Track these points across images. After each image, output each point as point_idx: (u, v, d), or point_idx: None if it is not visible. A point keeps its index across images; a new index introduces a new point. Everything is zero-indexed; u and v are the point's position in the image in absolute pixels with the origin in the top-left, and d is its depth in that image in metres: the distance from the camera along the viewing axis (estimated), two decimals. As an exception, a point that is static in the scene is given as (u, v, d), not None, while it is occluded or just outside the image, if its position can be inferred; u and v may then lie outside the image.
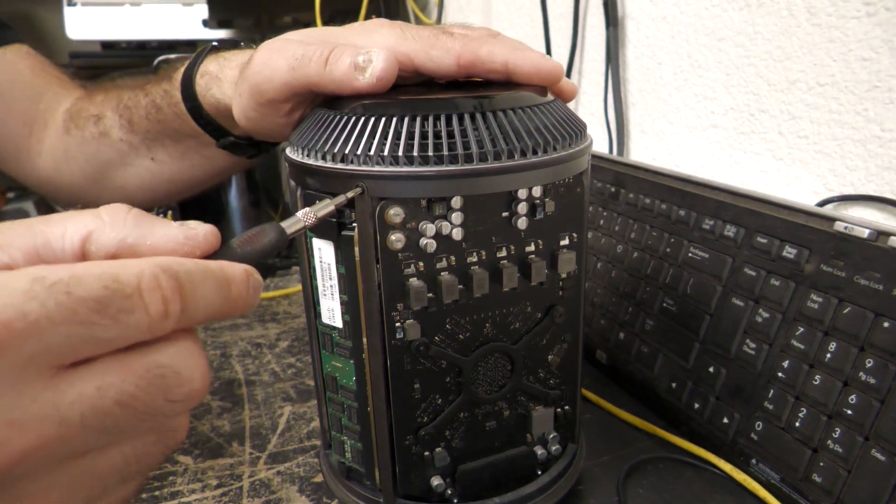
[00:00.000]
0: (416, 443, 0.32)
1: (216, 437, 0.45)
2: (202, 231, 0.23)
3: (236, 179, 0.96)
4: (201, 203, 0.71)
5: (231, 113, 0.40)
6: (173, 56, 1.01)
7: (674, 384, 0.44)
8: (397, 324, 0.30)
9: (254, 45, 0.39)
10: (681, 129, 0.67)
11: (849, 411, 0.33)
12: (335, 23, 0.44)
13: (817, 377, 0.35)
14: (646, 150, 0.72)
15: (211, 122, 0.46)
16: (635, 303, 0.48)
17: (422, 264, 0.29)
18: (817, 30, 0.51)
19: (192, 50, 0.51)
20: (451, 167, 0.27)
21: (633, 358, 0.47)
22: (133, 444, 0.21)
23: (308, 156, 0.30)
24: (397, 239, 0.28)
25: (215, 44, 0.47)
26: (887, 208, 0.49)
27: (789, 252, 0.38)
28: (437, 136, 0.28)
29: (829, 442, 0.33)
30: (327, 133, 0.30)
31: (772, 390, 0.37)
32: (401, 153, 0.27)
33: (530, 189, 0.30)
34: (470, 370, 0.32)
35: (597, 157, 0.57)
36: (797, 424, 0.35)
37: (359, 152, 0.28)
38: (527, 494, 0.34)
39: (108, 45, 1.22)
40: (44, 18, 1.35)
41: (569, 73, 0.80)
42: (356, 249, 0.29)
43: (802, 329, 0.36)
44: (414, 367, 0.31)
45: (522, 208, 0.30)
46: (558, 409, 0.35)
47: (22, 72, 0.59)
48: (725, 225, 0.42)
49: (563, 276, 0.33)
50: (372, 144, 0.28)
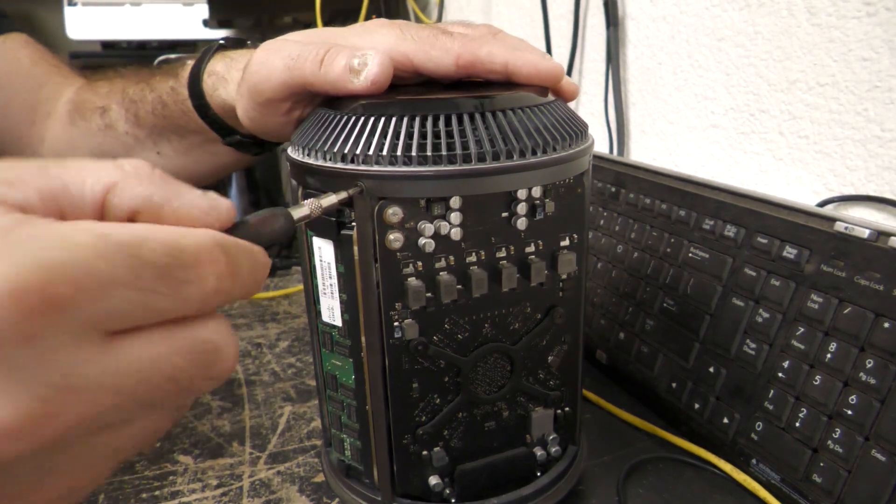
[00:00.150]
0: (414, 442, 0.32)
1: (216, 437, 0.45)
2: (225, 205, 0.22)
3: (236, 179, 0.96)
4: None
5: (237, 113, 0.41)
6: (173, 56, 1.01)
7: (674, 384, 0.44)
8: (395, 323, 0.30)
9: (260, 43, 0.40)
10: (681, 129, 0.67)
11: (849, 411, 0.33)
12: (335, 23, 0.44)
13: (817, 377, 0.35)
14: (646, 150, 0.72)
15: (217, 120, 0.46)
16: (635, 303, 0.48)
17: (420, 264, 0.29)
18: (817, 30, 0.51)
19: (193, 50, 0.52)
20: (449, 167, 0.27)
21: (633, 358, 0.47)
22: (155, 419, 0.20)
23: (308, 155, 0.30)
24: (395, 238, 0.28)
25: (222, 42, 0.47)
26: (887, 208, 0.49)
27: (789, 252, 0.38)
28: (435, 136, 0.28)
29: (829, 442, 0.33)
30: (327, 133, 0.30)
31: (772, 390, 0.37)
32: (399, 153, 0.27)
33: (530, 190, 0.30)
34: (469, 370, 0.32)
35: (597, 157, 0.57)
36: (797, 424, 0.35)
37: (358, 152, 0.28)
38: (525, 496, 0.34)
39: (108, 45, 1.22)
40: (44, 18, 1.35)
41: (569, 73, 0.80)
42: (355, 248, 0.29)
43: (803, 329, 0.36)
44: (412, 366, 0.31)
45: (522, 209, 0.30)
46: (558, 411, 0.35)
47: (21, 61, 0.58)
48: (725, 225, 0.42)
49: (564, 277, 0.32)
50: (371, 144, 0.28)
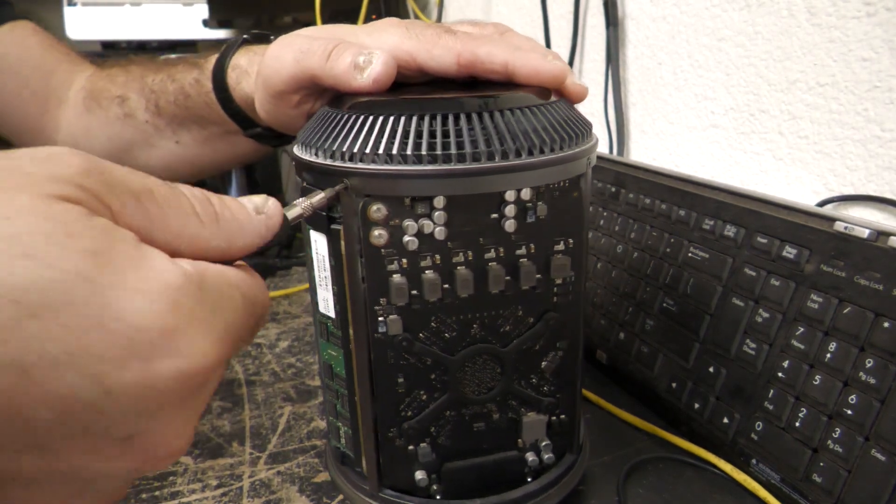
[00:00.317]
0: (399, 436, 0.32)
1: (216, 437, 0.45)
2: (274, 208, 0.25)
3: (236, 178, 0.96)
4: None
5: None
6: (174, 56, 1.01)
7: (674, 384, 0.44)
8: (380, 318, 0.30)
9: None
10: (681, 129, 0.67)
11: (849, 411, 0.33)
12: (335, 23, 0.44)
13: (817, 377, 0.35)
14: (646, 150, 0.72)
15: (240, 112, 0.47)
16: (635, 303, 0.48)
17: (405, 261, 0.29)
18: (817, 30, 0.51)
19: (193, 50, 0.52)
20: (430, 167, 0.27)
21: (633, 358, 0.47)
22: None
23: (305, 151, 0.31)
24: (380, 235, 0.29)
25: (246, 37, 0.48)
26: (887, 208, 0.49)
27: (789, 252, 0.38)
28: (418, 135, 0.28)
29: (829, 442, 0.33)
30: (321, 130, 0.30)
31: (772, 390, 0.37)
32: (381, 151, 0.28)
33: (518, 192, 0.29)
34: (456, 369, 0.32)
35: (597, 157, 0.57)
36: (797, 424, 0.35)
37: (344, 149, 0.28)
38: (511, 500, 0.33)
39: (108, 45, 1.22)
40: (44, 18, 1.35)
41: (569, 73, 0.80)
42: (342, 243, 0.30)
43: (802, 329, 0.36)
44: (398, 361, 0.31)
45: (510, 211, 0.30)
46: (553, 418, 0.34)
47: (31, 49, 0.58)
48: (725, 225, 0.42)
49: (559, 282, 0.32)
50: (357, 142, 0.28)
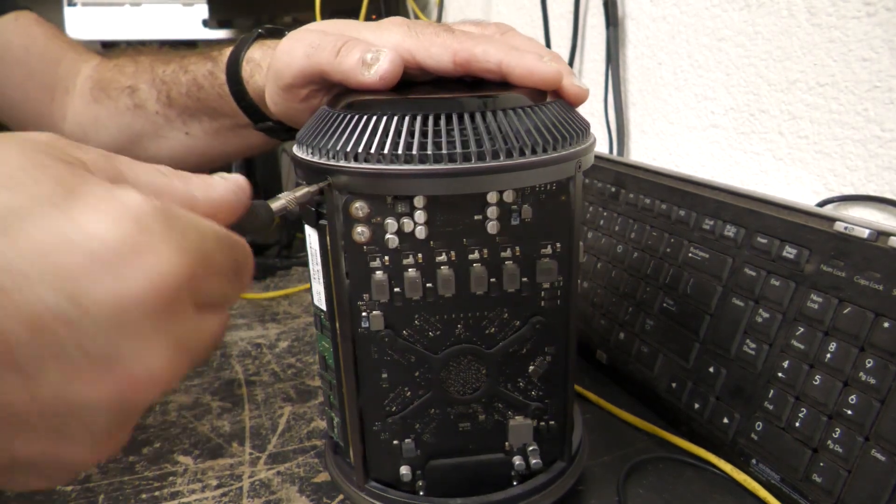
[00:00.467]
0: (384, 430, 0.33)
1: (216, 437, 0.45)
2: (243, 182, 0.26)
3: (236, 179, 0.95)
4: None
5: None
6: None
7: (674, 384, 0.44)
8: (363, 313, 0.31)
9: None
10: (681, 129, 0.67)
11: (849, 411, 0.33)
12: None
13: (817, 377, 0.35)
14: (646, 150, 0.72)
15: (252, 105, 0.47)
16: (635, 303, 0.48)
17: (387, 258, 0.30)
18: (817, 30, 0.51)
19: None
20: (409, 166, 0.27)
21: (633, 358, 0.47)
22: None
23: (299, 148, 0.31)
24: (362, 232, 0.29)
25: (260, 31, 0.48)
26: (887, 208, 0.49)
27: (789, 252, 0.38)
28: (397, 134, 0.28)
29: (829, 442, 0.33)
30: (315, 128, 0.31)
31: (772, 390, 0.37)
32: (361, 150, 0.28)
33: (500, 193, 0.29)
34: (440, 368, 0.32)
35: (597, 157, 0.56)
36: (797, 424, 0.35)
37: (329, 147, 0.29)
38: (494, 502, 0.33)
39: (108, 45, 1.22)
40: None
41: (569, 73, 0.80)
42: (328, 239, 0.30)
43: (802, 329, 0.36)
44: (381, 356, 0.31)
45: (493, 213, 0.29)
46: (541, 423, 0.34)
47: (36, 38, 0.58)
48: (725, 225, 0.42)
49: (546, 286, 0.32)
50: (340, 141, 0.29)
